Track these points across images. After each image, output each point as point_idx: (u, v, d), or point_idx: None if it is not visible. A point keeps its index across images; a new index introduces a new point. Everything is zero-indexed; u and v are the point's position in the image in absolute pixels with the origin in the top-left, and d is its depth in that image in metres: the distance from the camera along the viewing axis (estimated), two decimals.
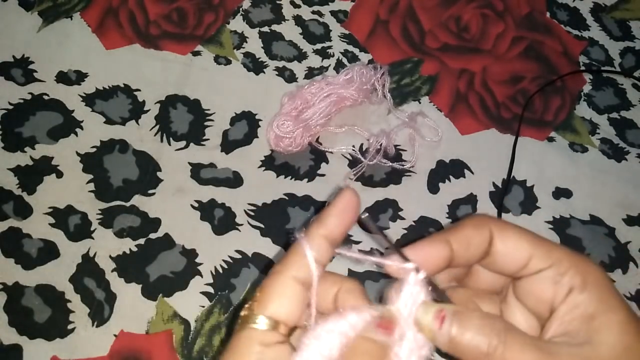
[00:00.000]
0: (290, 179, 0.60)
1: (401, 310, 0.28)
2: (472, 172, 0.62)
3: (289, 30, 0.69)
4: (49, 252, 0.56)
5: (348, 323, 0.27)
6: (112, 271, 0.56)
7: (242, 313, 0.28)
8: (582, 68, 0.68)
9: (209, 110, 0.64)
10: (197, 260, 0.56)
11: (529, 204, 0.60)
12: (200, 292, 0.55)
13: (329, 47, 0.68)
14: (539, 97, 0.66)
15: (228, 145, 0.62)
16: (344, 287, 0.30)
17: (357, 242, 0.57)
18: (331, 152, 0.62)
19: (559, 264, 0.29)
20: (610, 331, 0.27)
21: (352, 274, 0.56)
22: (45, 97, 0.64)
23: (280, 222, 0.58)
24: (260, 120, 0.63)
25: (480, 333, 0.27)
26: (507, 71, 0.67)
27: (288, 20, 0.69)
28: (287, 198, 0.59)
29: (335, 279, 0.30)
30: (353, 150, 0.61)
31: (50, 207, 0.58)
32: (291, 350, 0.27)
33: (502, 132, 0.64)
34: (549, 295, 0.29)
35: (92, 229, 0.57)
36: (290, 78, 0.66)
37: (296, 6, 0.70)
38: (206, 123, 0.63)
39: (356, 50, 0.68)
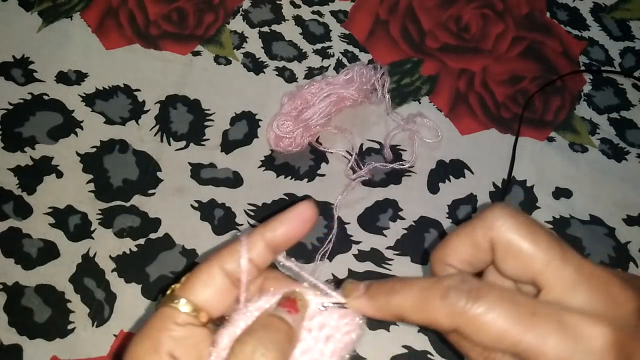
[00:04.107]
0: (290, 179, 0.60)
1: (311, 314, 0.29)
2: (472, 172, 0.62)
3: (289, 30, 0.69)
4: (49, 252, 0.56)
5: (270, 302, 0.29)
6: (112, 271, 0.56)
7: (167, 292, 0.29)
8: (582, 68, 0.68)
9: (209, 110, 0.64)
10: (197, 260, 0.56)
11: (529, 204, 0.60)
12: None
13: (329, 47, 0.68)
14: (539, 97, 0.66)
15: (228, 145, 0.62)
16: (266, 275, 0.30)
17: (358, 242, 0.57)
18: (331, 152, 0.62)
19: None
20: None
21: (352, 274, 0.56)
22: (45, 97, 0.64)
23: None
24: (260, 120, 0.63)
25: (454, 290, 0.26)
26: (507, 71, 0.67)
27: (288, 20, 0.69)
28: (287, 198, 0.59)
29: (281, 279, 0.31)
30: (353, 151, 0.61)
31: (50, 207, 0.58)
32: (208, 335, 0.28)
33: (502, 132, 0.64)
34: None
35: (92, 229, 0.57)
36: (290, 78, 0.66)
37: (296, 6, 0.70)
38: (206, 123, 0.63)
39: (356, 50, 0.68)
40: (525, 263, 0.27)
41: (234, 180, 0.60)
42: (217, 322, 0.29)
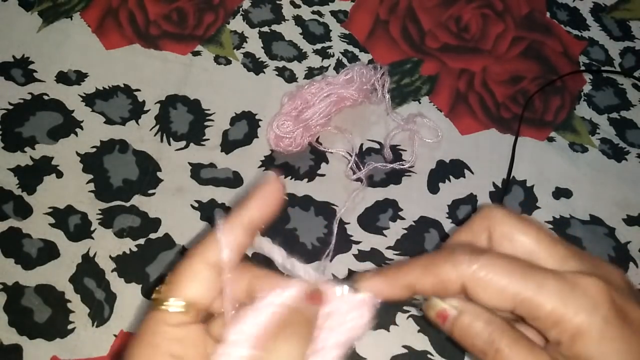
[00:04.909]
0: (290, 179, 0.60)
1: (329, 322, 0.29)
2: (472, 172, 0.62)
3: (289, 30, 0.69)
4: (49, 252, 0.56)
5: (280, 297, 0.28)
6: (112, 271, 0.56)
7: (154, 296, 0.29)
8: (582, 68, 0.68)
9: (209, 110, 0.64)
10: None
11: (529, 204, 0.60)
12: None
13: (329, 47, 0.68)
14: (539, 97, 0.66)
15: (228, 145, 0.62)
16: (254, 273, 0.30)
17: (358, 242, 0.57)
18: (331, 152, 0.62)
19: (543, 319, 0.27)
20: None
21: (352, 274, 0.56)
22: (45, 97, 0.64)
23: (280, 222, 0.58)
24: (260, 120, 0.63)
25: (486, 328, 0.28)
26: (507, 71, 0.67)
27: (288, 20, 0.69)
28: (287, 198, 0.59)
29: (247, 268, 0.30)
30: (353, 152, 0.61)
31: (50, 207, 0.58)
32: (204, 331, 0.28)
33: (502, 132, 0.64)
34: (540, 337, 0.29)
35: (92, 229, 0.57)
36: (290, 78, 0.66)
37: (296, 6, 0.70)
38: (206, 123, 0.63)
39: (356, 50, 0.68)
40: (518, 244, 0.29)
41: (234, 180, 0.60)
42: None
